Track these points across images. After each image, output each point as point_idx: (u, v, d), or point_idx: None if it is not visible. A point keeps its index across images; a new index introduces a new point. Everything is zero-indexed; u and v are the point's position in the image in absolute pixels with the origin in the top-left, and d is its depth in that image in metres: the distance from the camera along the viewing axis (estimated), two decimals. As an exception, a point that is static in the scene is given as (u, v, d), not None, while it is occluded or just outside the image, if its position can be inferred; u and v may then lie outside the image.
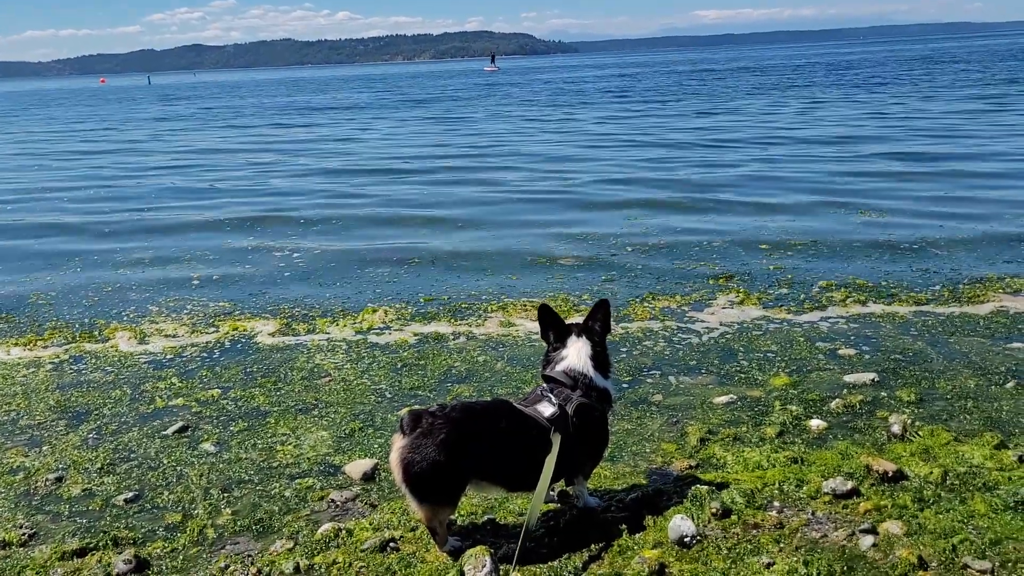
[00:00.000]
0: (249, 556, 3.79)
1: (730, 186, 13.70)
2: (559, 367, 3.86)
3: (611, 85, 54.16)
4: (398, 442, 3.49)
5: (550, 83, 63.33)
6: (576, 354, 3.87)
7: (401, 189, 15.11)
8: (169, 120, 39.54)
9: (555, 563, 3.56)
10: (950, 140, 18.27)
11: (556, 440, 3.60)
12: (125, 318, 7.65)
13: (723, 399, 5.30)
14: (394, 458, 3.49)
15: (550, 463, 3.55)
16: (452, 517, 3.83)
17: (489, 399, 5.13)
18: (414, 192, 14.69)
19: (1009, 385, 5.32)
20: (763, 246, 9.49)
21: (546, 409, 3.69)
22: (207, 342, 6.89)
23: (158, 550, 3.87)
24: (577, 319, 4.11)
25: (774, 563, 3.47)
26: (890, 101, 29.74)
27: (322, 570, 3.63)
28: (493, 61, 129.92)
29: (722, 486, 4.10)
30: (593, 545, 3.67)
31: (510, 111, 35.00)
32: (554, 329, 3.96)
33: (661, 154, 18.37)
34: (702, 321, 6.95)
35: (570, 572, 3.51)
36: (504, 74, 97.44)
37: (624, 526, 3.80)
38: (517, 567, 3.48)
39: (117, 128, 35.41)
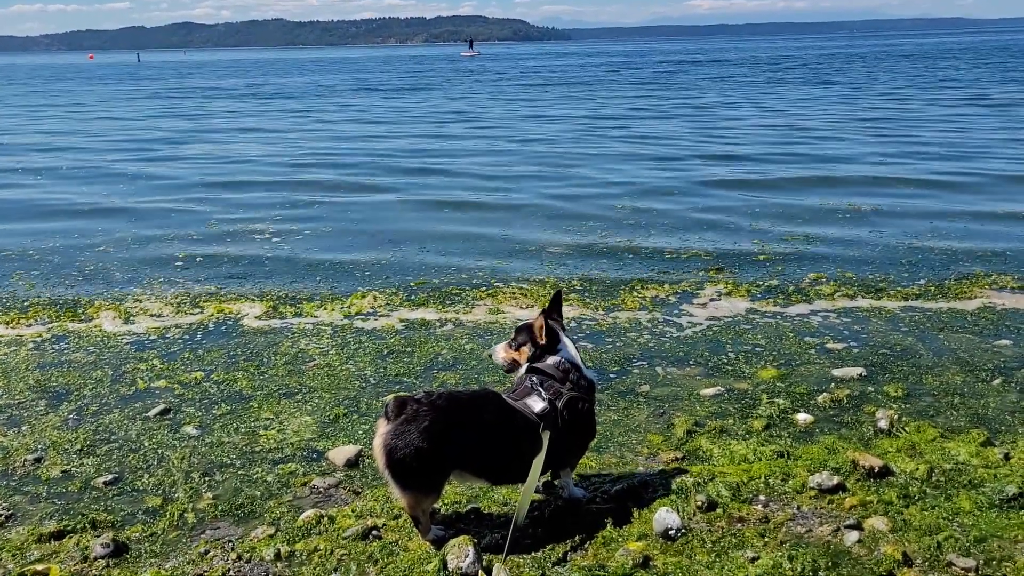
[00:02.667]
0: (230, 541, 3.74)
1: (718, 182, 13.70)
2: (550, 359, 3.81)
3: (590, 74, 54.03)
4: (382, 428, 3.45)
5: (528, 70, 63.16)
6: (570, 346, 3.86)
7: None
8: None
9: (539, 554, 3.54)
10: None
11: (545, 438, 3.56)
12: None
13: (710, 391, 5.28)
14: (377, 444, 3.44)
15: (538, 463, 3.52)
16: (436, 506, 3.79)
17: (476, 388, 5.08)
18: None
19: (996, 382, 5.32)
20: (753, 240, 9.47)
21: (536, 404, 3.64)
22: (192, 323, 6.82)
23: (137, 534, 3.82)
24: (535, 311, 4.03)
25: (759, 557, 3.45)
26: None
27: (303, 557, 3.59)
28: (471, 46, 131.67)
29: (708, 479, 4.08)
30: (577, 536, 3.65)
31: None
32: None
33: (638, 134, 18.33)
34: (690, 312, 6.92)
35: (554, 563, 3.48)
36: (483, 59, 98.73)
37: (609, 518, 3.77)
38: (505, 558, 3.45)
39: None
